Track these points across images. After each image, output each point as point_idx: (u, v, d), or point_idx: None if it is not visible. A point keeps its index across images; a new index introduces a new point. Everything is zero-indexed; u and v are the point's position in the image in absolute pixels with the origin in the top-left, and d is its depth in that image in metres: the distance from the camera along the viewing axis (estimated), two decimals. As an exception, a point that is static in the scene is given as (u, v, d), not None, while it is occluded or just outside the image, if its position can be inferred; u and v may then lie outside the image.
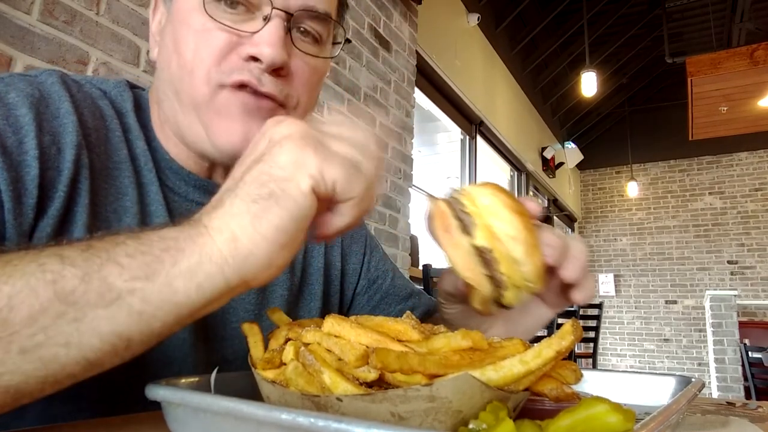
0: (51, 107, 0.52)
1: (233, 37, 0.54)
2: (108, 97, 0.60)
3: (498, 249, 0.43)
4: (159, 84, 0.60)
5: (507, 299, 0.45)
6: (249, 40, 0.54)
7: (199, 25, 0.54)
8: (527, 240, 0.43)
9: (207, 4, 0.53)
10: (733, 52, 5.40)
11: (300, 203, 0.37)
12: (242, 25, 0.54)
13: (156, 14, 0.63)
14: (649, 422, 0.27)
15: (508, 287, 0.44)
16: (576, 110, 7.99)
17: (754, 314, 7.25)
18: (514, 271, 0.43)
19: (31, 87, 0.51)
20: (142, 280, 0.34)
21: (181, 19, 0.56)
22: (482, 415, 0.29)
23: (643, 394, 0.50)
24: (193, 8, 0.55)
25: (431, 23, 4.08)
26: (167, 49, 0.57)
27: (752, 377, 4.92)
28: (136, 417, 0.44)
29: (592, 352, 5.30)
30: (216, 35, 0.54)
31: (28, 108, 0.49)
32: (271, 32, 0.53)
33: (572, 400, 0.35)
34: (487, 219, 0.43)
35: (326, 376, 0.32)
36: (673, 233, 8.30)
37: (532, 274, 0.44)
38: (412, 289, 0.83)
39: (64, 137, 0.51)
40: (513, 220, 0.43)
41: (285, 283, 0.69)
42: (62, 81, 0.55)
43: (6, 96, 0.49)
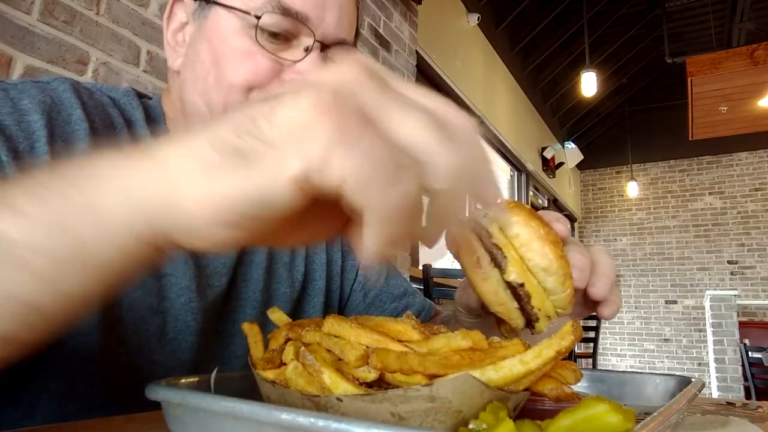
0: (63, 113, 0.53)
1: (276, 65, 0.57)
2: (117, 105, 0.61)
3: (530, 282, 0.42)
4: (187, 94, 0.61)
5: (537, 329, 0.44)
6: (290, 68, 0.58)
7: (243, 47, 0.57)
8: (559, 270, 0.42)
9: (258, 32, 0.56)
10: (733, 52, 5.40)
11: (271, 187, 0.25)
12: (284, 53, 0.58)
13: (172, 22, 0.64)
14: (649, 422, 0.27)
15: (539, 319, 0.43)
16: (576, 110, 7.99)
17: (754, 314, 7.25)
18: (545, 302, 0.42)
19: (44, 94, 0.53)
20: (41, 228, 0.26)
21: (221, 37, 0.58)
22: (482, 415, 0.29)
23: (643, 394, 0.50)
24: (234, 30, 0.57)
25: (431, 23, 4.08)
26: (202, 64, 0.59)
27: (752, 377, 4.93)
28: (136, 417, 0.44)
29: (592, 352, 5.30)
30: (260, 60, 0.57)
31: (40, 114, 0.50)
32: (314, 63, 0.58)
33: (572, 400, 0.35)
34: (519, 250, 0.42)
35: (326, 376, 0.32)
36: (673, 233, 8.30)
37: (563, 302, 0.43)
38: (406, 288, 0.83)
39: (75, 143, 0.52)
40: (545, 251, 0.41)
41: (287, 281, 0.70)
42: (74, 89, 0.56)
43: (19, 102, 0.50)
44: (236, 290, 0.64)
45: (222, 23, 0.58)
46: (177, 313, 0.58)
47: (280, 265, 0.70)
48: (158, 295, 0.56)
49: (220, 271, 0.63)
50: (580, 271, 0.45)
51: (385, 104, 0.26)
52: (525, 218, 0.42)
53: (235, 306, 0.64)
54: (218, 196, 0.25)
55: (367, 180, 0.24)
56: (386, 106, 0.26)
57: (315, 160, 0.24)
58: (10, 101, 0.50)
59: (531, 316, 0.43)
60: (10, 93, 0.51)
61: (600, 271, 0.47)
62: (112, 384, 0.52)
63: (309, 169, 0.24)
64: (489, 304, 0.43)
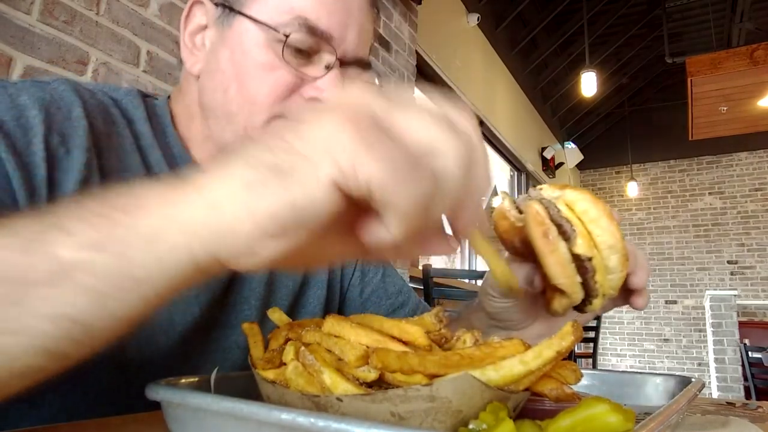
0: (62, 110, 0.53)
1: (296, 80, 0.59)
2: (119, 105, 0.61)
3: (596, 257, 0.42)
4: (206, 101, 0.62)
5: (592, 306, 0.45)
6: (311, 84, 0.59)
7: (266, 61, 0.58)
8: (622, 250, 0.43)
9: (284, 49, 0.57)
10: (733, 52, 5.40)
11: (310, 194, 0.27)
12: (306, 69, 0.59)
13: (189, 23, 0.64)
14: (649, 422, 0.27)
15: (599, 295, 0.44)
16: (576, 110, 7.99)
17: (754, 314, 7.25)
18: (605, 280, 0.43)
19: (43, 92, 0.53)
20: (91, 249, 0.28)
21: (243, 49, 0.59)
22: (482, 415, 0.29)
23: (643, 394, 0.50)
24: (257, 43, 0.58)
25: (431, 23, 4.08)
26: (222, 74, 0.60)
27: (752, 377, 4.92)
28: (136, 417, 0.44)
29: (592, 352, 5.30)
30: (282, 75, 0.58)
31: (38, 110, 0.51)
32: (334, 80, 0.59)
33: (572, 401, 0.35)
34: (587, 226, 0.42)
35: (326, 376, 0.32)
36: (673, 233, 8.30)
37: (617, 283, 0.44)
38: (401, 287, 0.84)
39: (74, 139, 0.52)
40: (612, 229, 0.42)
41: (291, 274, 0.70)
42: (75, 89, 0.56)
43: (18, 98, 0.51)
44: (240, 281, 0.65)
45: (246, 35, 0.59)
46: (185, 306, 0.58)
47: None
48: None
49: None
50: (631, 256, 0.47)
51: (393, 112, 0.30)
52: (593, 197, 0.43)
53: (239, 297, 0.65)
54: (261, 210, 0.28)
55: (388, 178, 0.27)
56: (395, 113, 0.30)
57: (344, 165, 0.27)
58: (8, 97, 0.50)
59: (592, 292, 0.43)
60: (9, 90, 0.51)
61: (640, 264, 0.50)
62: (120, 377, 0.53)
63: (340, 174, 0.27)
64: (553, 276, 0.43)
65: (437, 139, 0.29)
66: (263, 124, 0.58)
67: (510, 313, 0.60)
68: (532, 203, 0.44)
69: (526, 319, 0.61)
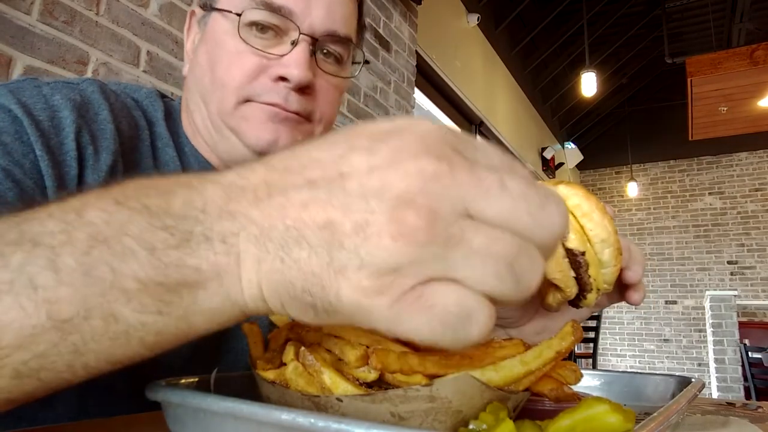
0: (91, 112, 0.55)
1: (263, 60, 0.59)
2: (140, 107, 0.64)
3: (589, 251, 0.43)
4: (189, 96, 0.65)
5: (587, 301, 0.45)
6: (277, 63, 0.59)
7: (232, 47, 0.59)
8: (615, 244, 0.43)
9: (241, 29, 0.59)
10: (733, 52, 5.40)
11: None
12: (272, 49, 0.60)
13: (190, 35, 0.68)
14: (649, 422, 0.27)
15: (593, 290, 0.44)
16: (576, 110, 7.99)
17: (754, 314, 7.25)
18: (599, 274, 0.43)
19: (74, 93, 0.55)
20: (155, 315, 0.27)
21: (216, 40, 0.61)
22: (482, 416, 0.29)
23: (643, 394, 0.50)
24: (226, 32, 0.60)
25: (431, 23, 4.08)
26: (201, 67, 0.63)
27: (752, 377, 4.93)
28: (136, 417, 0.44)
29: (592, 353, 5.30)
30: (248, 57, 0.59)
31: (70, 110, 0.53)
32: (298, 55, 0.59)
33: (572, 401, 0.35)
34: (579, 220, 0.43)
35: (326, 377, 0.32)
36: (673, 233, 8.30)
37: (611, 277, 0.44)
38: None
39: (101, 142, 0.54)
40: (604, 223, 0.42)
41: None
42: (102, 90, 0.58)
43: (51, 98, 0.53)
44: None
45: (216, 27, 0.61)
46: None
47: None
48: None
49: None
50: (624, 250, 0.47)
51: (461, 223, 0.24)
52: (585, 192, 0.44)
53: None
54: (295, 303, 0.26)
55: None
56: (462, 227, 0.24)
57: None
58: (43, 97, 0.52)
59: (586, 286, 0.44)
60: (43, 89, 0.53)
61: (635, 258, 0.50)
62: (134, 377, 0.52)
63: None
64: (547, 271, 0.43)
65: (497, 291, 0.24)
66: (233, 107, 0.60)
67: (506, 310, 0.60)
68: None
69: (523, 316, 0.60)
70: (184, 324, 0.28)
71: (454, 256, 0.23)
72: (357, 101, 2.93)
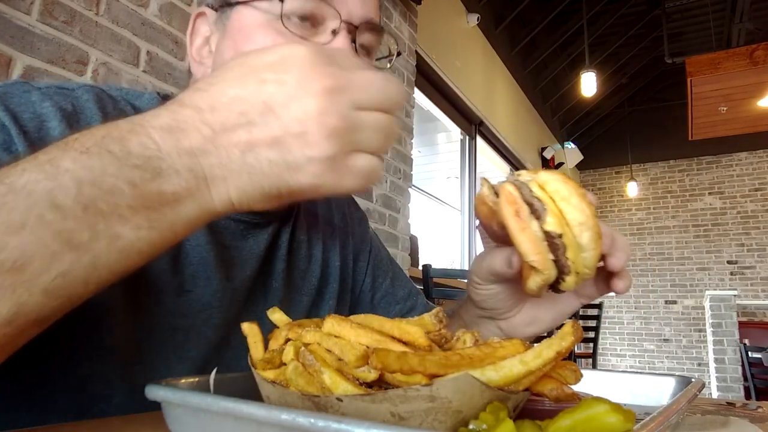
0: (82, 122, 0.53)
1: None
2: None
3: (567, 234, 0.43)
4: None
5: (566, 284, 0.45)
6: None
7: (267, 41, 0.56)
8: (593, 227, 0.44)
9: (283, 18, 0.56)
10: (733, 52, 5.40)
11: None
12: (312, 38, 0.57)
13: (195, 38, 0.63)
14: (649, 422, 0.27)
15: (571, 272, 0.44)
16: (576, 110, 7.99)
17: (754, 314, 7.25)
18: (578, 257, 0.44)
19: (66, 101, 0.52)
20: (147, 230, 0.35)
21: (245, 34, 0.57)
22: (482, 416, 0.29)
23: (643, 394, 0.50)
24: (258, 25, 0.57)
25: (431, 23, 4.08)
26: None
27: (752, 377, 4.93)
28: (136, 417, 0.44)
29: (592, 353, 5.30)
30: None
31: (59, 120, 0.50)
32: (342, 43, 0.57)
33: (572, 401, 0.35)
34: (558, 204, 0.44)
35: (326, 376, 0.32)
36: (673, 233, 8.30)
37: (591, 261, 0.45)
38: (410, 290, 0.83)
39: None
40: (582, 207, 0.43)
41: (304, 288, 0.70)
42: (98, 98, 0.55)
43: (41, 105, 0.50)
44: (256, 303, 0.64)
45: (245, 21, 0.58)
46: (198, 330, 0.57)
47: (297, 274, 0.70)
48: (176, 314, 0.56)
49: (246, 285, 0.62)
50: (605, 236, 0.48)
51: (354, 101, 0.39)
52: (564, 177, 0.45)
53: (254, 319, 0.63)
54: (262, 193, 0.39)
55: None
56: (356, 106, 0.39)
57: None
58: (31, 105, 0.50)
59: (564, 268, 0.44)
60: (33, 95, 0.50)
61: (618, 245, 0.50)
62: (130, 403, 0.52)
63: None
64: (525, 253, 0.44)
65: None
66: None
67: (495, 301, 0.60)
68: (506, 185, 0.45)
69: (512, 307, 0.60)
70: (170, 233, 0.37)
71: (359, 136, 0.38)
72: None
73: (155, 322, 0.54)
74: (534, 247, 0.43)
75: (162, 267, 0.55)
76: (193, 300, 0.57)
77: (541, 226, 0.43)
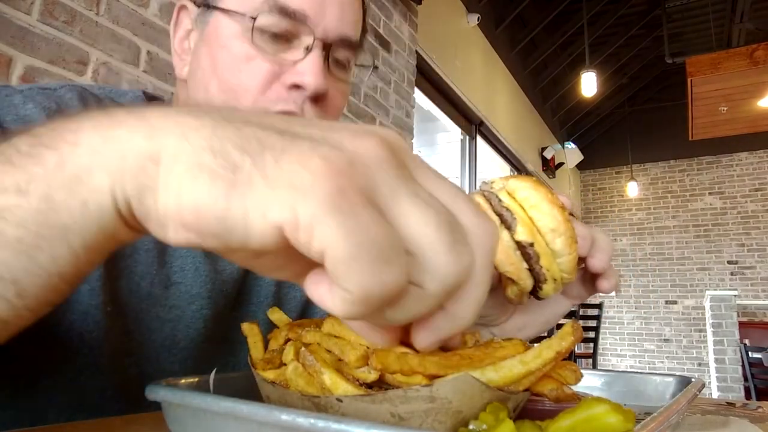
0: None
1: (275, 66, 0.56)
2: None
3: (539, 242, 0.43)
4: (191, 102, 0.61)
5: (544, 292, 0.45)
6: (291, 69, 0.56)
7: (241, 52, 0.55)
8: (566, 232, 0.43)
9: (254, 34, 0.55)
10: (733, 53, 5.40)
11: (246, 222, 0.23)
12: (284, 54, 0.56)
13: (178, 29, 0.63)
14: (649, 422, 0.27)
15: (548, 280, 0.44)
16: (576, 110, 7.99)
17: (754, 314, 7.25)
18: (552, 264, 0.44)
19: (49, 100, 0.52)
20: (13, 194, 0.24)
21: (221, 43, 0.57)
22: (482, 416, 0.29)
23: (643, 394, 0.50)
24: (233, 35, 0.56)
25: (431, 23, 4.08)
26: (204, 71, 0.58)
27: (752, 377, 4.93)
28: (136, 417, 0.44)
29: (592, 353, 5.31)
30: (260, 64, 0.55)
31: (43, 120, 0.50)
32: (314, 62, 0.56)
33: (572, 401, 0.35)
34: (528, 212, 0.43)
35: (326, 377, 0.32)
36: (673, 233, 8.30)
37: (568, 266, 0.45)
38: None
39: None
40: (553, 212, 0.43)
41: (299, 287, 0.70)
42: (81, 96, 0.55)
43: (23, 107, 0.50)
44: (247, 296, 0.64)
45: (221, 29, 0.57)
46: (188, 321, 0.57)
47: None
48: (165, 305, 0.56)
49: (235, 277, 0.62)
50: (582, 239, 0.47)
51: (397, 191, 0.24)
52: (533, 184, 0.44)
53: (246, 312, 0.64)
54: (189, 198, 0.23)
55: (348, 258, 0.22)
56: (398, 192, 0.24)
57: (302, 218, 0.22)
58: (14, 107, 0.49)
59: (539, 277, 0.44)
60: (14, 99, 0.50)
61: (599, 246, 0.50)
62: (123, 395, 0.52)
63: (291, 224, 0.22)
64: (499, 264, 0.44)
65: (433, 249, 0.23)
66: None
67: (485, 309, 0.60)
68: (475, 196, 0.45)
69: (502, 314, 0.60)
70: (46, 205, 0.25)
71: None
72: (357, 101, 2.93)
73: (144, 314, 0.54)
74: (506, 258, 0.43)
75: (149, 259, 0.55)
76: (181, 291, 0.57)
77: (512, 236, 0.43)
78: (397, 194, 0.24)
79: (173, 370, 0.56)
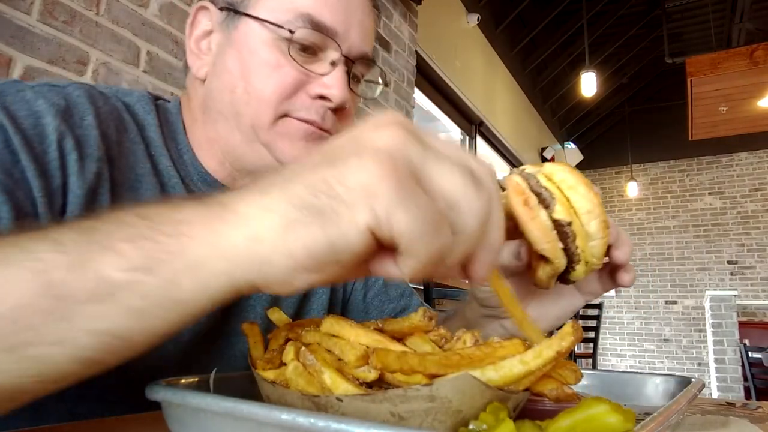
0: (75, 117, 0.54)
1: (302, 76, 0.60)
2: (130, 111, 0.62)
3: (575, 222, 0.44)
4: (212, 103, 0.63)
5: (576, 274, 0.46)
6: (317, 80, 0.60)
7: (272, 59, 0.59)
8: (601, 215, 0.44)
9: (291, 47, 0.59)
10: (733, 52, 5.40)
11: (346, 237, 0.29)
12: (310, 66, 0.60)
13: (195, 29, 0.65)
14: (649, 422, 0.27)
15: (581, 261, 0.45)
16: (576, 110, 7.99)
17: (754, 314, 7.25)
18: (586, 246, 0.44)
19: (59, 97, 0.53)
20: (142, 272, 0.29)
21: (250, 48, 0.60)
22: (482, 416, 0.29)
23: (643, 394, 0.50)
24: (263, 42, 0.59)
25: (431, 23, 4.08)
26: (229, 74, 0.61)
27: (752, 377, 4.93)
28: (136, 417, 0.44)
29: (592, 353, 5.30)
30: (288, 72, 0.59)
31: (53, 116, 0.51)
32: (340, 76, 0.60)
33: (572, 401, 0.35)
34: (565, 193, 0.44)
35: (326, 376, 0.32)
36: (673, 233, 8.29)
37: (599, 250, 0.45)
38: (404, 290, 0.84)
39: (85, 148, 0.53)
40: (589, 195, 0.44)
41: None
42: (89, 94, 0.57)
43: (35, 103, 0.51)
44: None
45: (252, 35, 0.60)
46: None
47: None
48: None
49: None
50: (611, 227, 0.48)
51: (425, 160, 0.31)
52: (570, 168, 0.45)
53: (244, 305, 0.64)
54: (299, 248, 0.29)
55: (416, 230, 0.29)
56: (429, 162, 0.31)
57: (380, 213, 0.29)
58: (26, 103, 0.51)
59: (574, 257, 0.45)
60: (26, 94, 0.51)
61: (622, 239, 0.51)
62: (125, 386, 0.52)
63: (375, 221, 0.29)
64: (536, 241, 0.44)
65: (463, 196, 0.31)
66: (270, 122, 0.59)
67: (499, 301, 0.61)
68: (513, 176, 0.46)
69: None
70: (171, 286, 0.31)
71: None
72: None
73: None
74: (544, 236, 0.44)
75: None
76: None
77: (550, 214, 0.43)
78: (427, 162, 0.31)
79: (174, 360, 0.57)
